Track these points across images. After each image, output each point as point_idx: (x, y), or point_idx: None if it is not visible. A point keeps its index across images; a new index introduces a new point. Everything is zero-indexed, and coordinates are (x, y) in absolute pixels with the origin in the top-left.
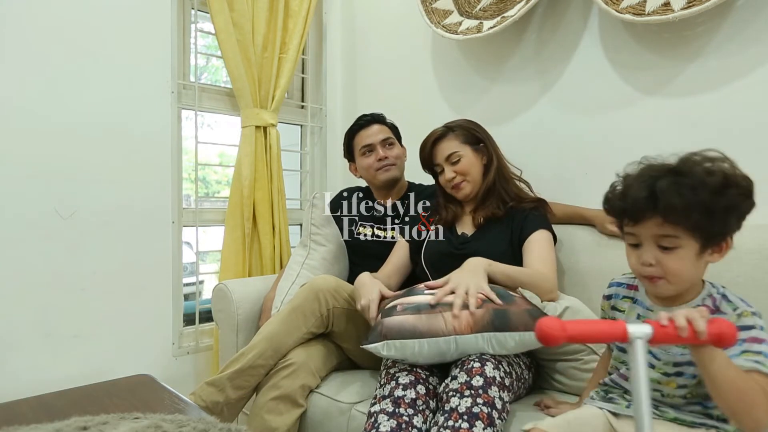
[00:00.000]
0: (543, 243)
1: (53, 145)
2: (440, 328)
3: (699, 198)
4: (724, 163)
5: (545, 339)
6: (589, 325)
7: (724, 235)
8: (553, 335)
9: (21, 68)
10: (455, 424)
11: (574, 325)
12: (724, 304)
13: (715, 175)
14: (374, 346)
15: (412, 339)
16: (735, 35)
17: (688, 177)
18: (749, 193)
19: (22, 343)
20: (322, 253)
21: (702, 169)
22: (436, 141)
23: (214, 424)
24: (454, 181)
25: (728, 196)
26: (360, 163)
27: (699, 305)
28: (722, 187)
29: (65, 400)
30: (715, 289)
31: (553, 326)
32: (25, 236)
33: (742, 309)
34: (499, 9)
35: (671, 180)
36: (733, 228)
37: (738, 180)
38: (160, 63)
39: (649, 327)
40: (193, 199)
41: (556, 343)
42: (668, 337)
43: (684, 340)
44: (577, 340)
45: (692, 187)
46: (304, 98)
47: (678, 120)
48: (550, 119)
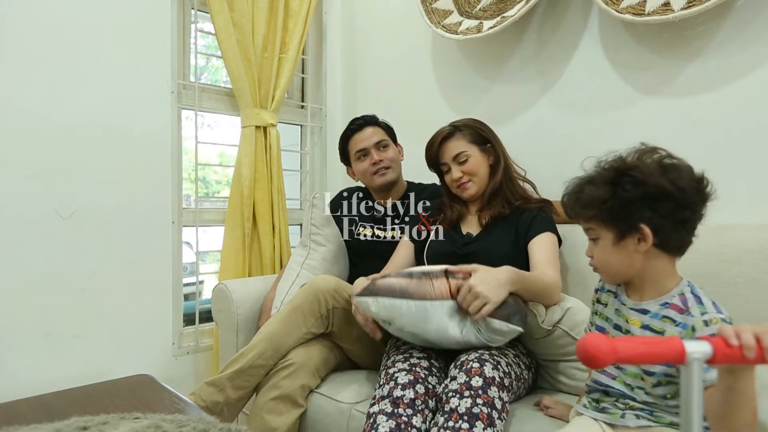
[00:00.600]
0: (549, 246)
1: (53, 145)
2: (428, 291)
3: (595, 194)
4: (641, 155)
5: (591, 361)
6: (640, 344)
7: (632, 223)
8: (600, 358)
9: (21, 68)
10: (455, 424)
11: (625, 344)
12: (695, 305)
13: (608, 169)
14: (364, 299)
15: (400, 299)
16: (735, 35)
17: (592, 176)
18: (640, 182)
19: (22, 343)
20: (322, 253)
21: (602, 166)
22: (444, 140)
23: (214, 424)
24: (461, 181)
25: (621, 186)
26: (356, 167)
27: (666, 302)
28: (614, 180)
29: (65, 400)
30: (689, 288)
31: (601, 346)
32: (25, 236)
33: (712, 315)
34: (499, 9)
35: (576, 181)
36: (643, 216)
37: (632, 170)
38: (160, 63)
39: (708, 345)
40: (193, 199)
41: (603, 366)
42: (730, 357)
43: (748, 361)
44: (627, 361)
45: (590, 184)
46: (304, 98)
47: (678, 120)
48: (550, 119)
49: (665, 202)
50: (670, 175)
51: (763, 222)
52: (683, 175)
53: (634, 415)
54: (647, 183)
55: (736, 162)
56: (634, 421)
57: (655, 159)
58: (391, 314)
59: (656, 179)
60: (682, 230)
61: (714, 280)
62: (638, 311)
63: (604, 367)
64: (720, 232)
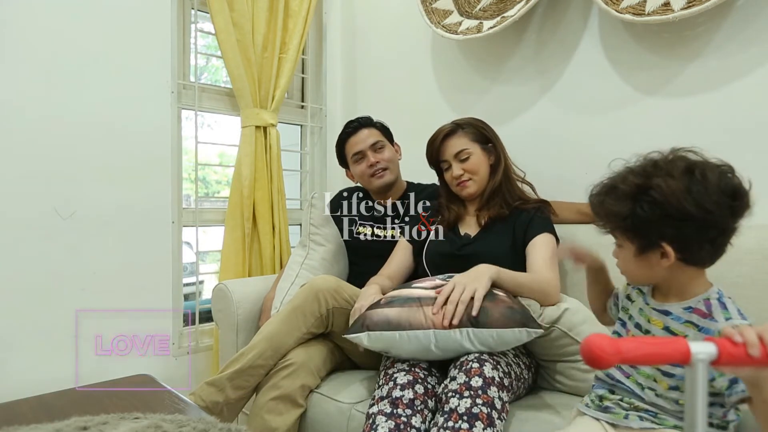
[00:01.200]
0: (547, 247)
1: (53, 145)
2: (420, 322)
3: (613, 208)
4: (668, 165)
5: (595, 361)
6: (645, 345)
7: (652, 240)
8: (604, 359)
9: (21, 68)
10: (455, 424)
11: (629, 345)
12: (719, 310)
13: (630, 184)
14: (357, 336)
15: (391, 331)
16: (735, 35)
17: (615, 185)
18: (659, 203)
19: (22, 343)
20: (321, 253)
21: (627, 173)
22: (446, 137)
23: (214, 424)
24: (461, 179)
25: (640, 205)
26: (353, 170)
27: (690, 306)
28: (634, 196)
29: (65, 400)
30: (717, 295)
31: (605, 347)
32: (25, 236)
33: (737, 322)
34: (499, 9)
35: (600, 187)
36: (665, 235)
37: (652, 189)
38: (160, 63)
39: (712, 346)
40: (193, 199)
41: (608, 366)
42: (736, 357)
43: (754, 361)
44: (632, 362)
45: (611, 195)
46: (304, 98)
47: (678, 120)
48: (550, 119)
49: (688, 222)
50: (695, 193)
51: (763, 222)
52: (711, 191)
53: (638, 417)
54: (666, 205)
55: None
56: (637, 422)
57: (681, 170)
58: (386, 346)
59: (677, 201)
60: (708, 247)
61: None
62: (660, 312)
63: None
64: None
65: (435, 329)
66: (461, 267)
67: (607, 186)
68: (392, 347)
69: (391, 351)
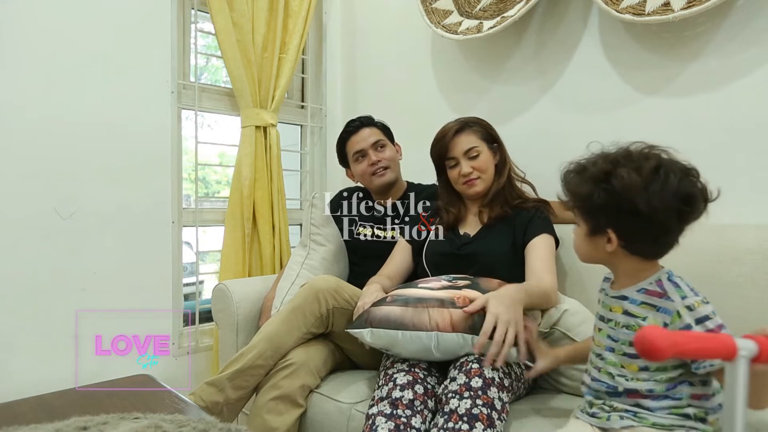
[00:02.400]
0: (545, 249)
1: (53, 145)
2: (424, 323)
3: (576, 187)
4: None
5: (650, 353)
6: (695, 339)
7: (600, 225)
8: (661, 349)
9: (21, 68)
10: (455, 425)
11: (682, 338)
12: (673, 290)
13: (599, 169)
14: (359, 331)
15: (395, 330)
16: (735, 35)
17: (585, 166)
18: (614, 193)
19: (22, 343)
20: (322, 253)
21: (599, 159)
22: (456, 133)
23: (214, 424)
24: (470, 177)
25: (598, 190)
26: (354, 169)
27: (643, 288)
28: (598, 180)
29: (65, 400)
30: (666, 275)
31: (661, 339)
32: (25, 236)
33: (692, 299)
34: (499, 9)
35: (573, 165)
36: (611, 223)
37: (613, 177)
38: (160, 63)
39: (754, 344)
40: (193, 199)
41: (663, 358)
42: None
43: None
44: (683, 355)
45: (579, 174)
46: (304, 98)
47: (678, 120)
48: (550, 119)
49: (634, 217)
50: (650, 192)
51: (762, 222)
52: (666, 192)
53: (618, 416)
54: (620, 196)
55: (736, 162)
56: (618, 422)
57: (650, 167)
58: (388, 344)
59: (629, 195)
60: (651, 243)
61: (714, 280)
62: (618, 298)
63: (663, 360)
64: (720, 232)
65: (438, 332)
66: (461, 267)
67: (579, 166)
68: (394, 346)
69: (392, 349)
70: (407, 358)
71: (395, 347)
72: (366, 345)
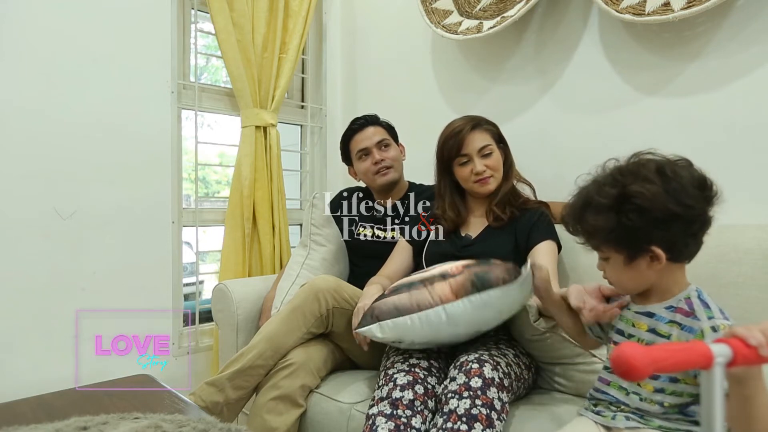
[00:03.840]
0: (550, 256)
1: (53, 145)
2: (427, 301)
3: (598, 223)
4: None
5: (629, 372)
6: (674, 353)
7: (641, 246)
8: (640, 369)
9: (21, 68)
10: (454, 425)
11: (660, 353)
12: (701, 308)
13: (607, 195)
14: (368, 328)
15: (401, 316)
16: (735, 35)
17: (590, 198)
18: (645, 209)
19: (22, 343)
20: (322, 254)
21: (600, 184)
22: (472, 130)
23: (214, 424)
24: (483, 175)
25: (625, 215)
26: (357, 167)
27: (672, 306)
28: (616, 207)
29: (65, 400)
30: (696, 294)
31: (639, 357)
32: (25, 236)
33: (720, 321)
34: (499, 9)
35: (575, 203)
36: (653, 239)
37: (634, 197)
38: (160, 63)
39: (728, 348)
40: (193, 199)
41: (643, 377)
42: (748, 358)
43: (763, 360)
44: (663, 370)
45: (591, 210)
46: (304, 98)
47: (678, 120)
48: (550, 119)
49: (675, 222)
50: (672, 191)
51: (763, 222)
52: (686, 185)
53: (624, 417)
54: (653, 209)
55: (736, 162)
56: (623, 422)
57: (654, 172)
58: (399, 334)
59: (661, 203)
60: (693, 242)
61: (714, 280)
62: (644, 314)
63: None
64: (720, 232)
65: (443, 304)
66: None
67: (581, 202)
68: (405, 334)
69: (405, 339)
70: (423, 344)
71: (407, 335)
72: (377, 341)
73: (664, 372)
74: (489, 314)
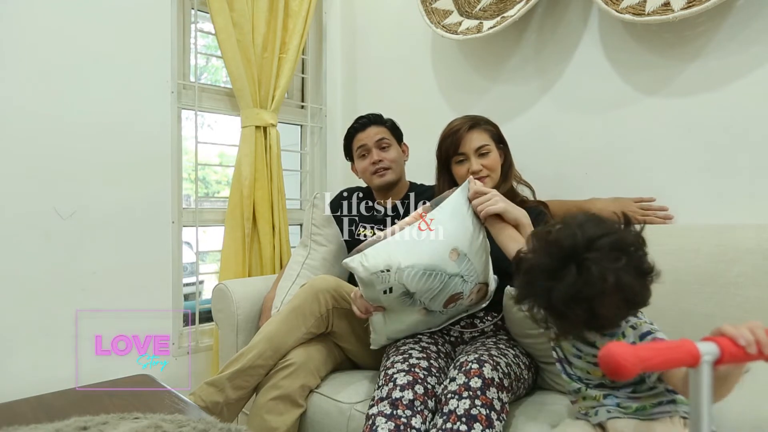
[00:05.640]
0: None
1: (53, 145)
2: (399, 227)
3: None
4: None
5: (617, 372)
6: (660, 351)
7: None
8: (628, 368)
9: (21, 68)
10: (453, 426)
11: (647, 352)
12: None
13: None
14: (352, 258)
15: (381, 241)
16: (735, 35)
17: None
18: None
19: (22, 343)
20: (322, 254)
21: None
22: (470, 129)
23: (213, 424)
24: (480, 175)
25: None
26: (357, 165)
27: None
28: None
29: (65, 400)
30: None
31: (627, 356)
32: (25, 236)
33: (634, 320)
34: (499, 9)
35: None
36: None
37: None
38: (160, 63)
39: (715, 347)
40: (193, 199)
41: (631, 376)
42: (735, 356)
43: (750, 358)
44: (651, 368)
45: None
46: (304, 98)
47: (678, 120)
48: (550, 119)
49: None
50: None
51: (762, 222)
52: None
53: (606, 411)
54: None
55: (736, 162)
56: (605, 414)
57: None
58: (385, 259)
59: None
60: None
61: (714, 280)
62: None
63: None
64: (720, 232)
65: (415, 222)
66: None
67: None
68: (390, 257)
69: (392, 264)
70: (414, 272)
71: (392, 258)
72: (364, 280)
73: (652, 370)
74: (456, 223)
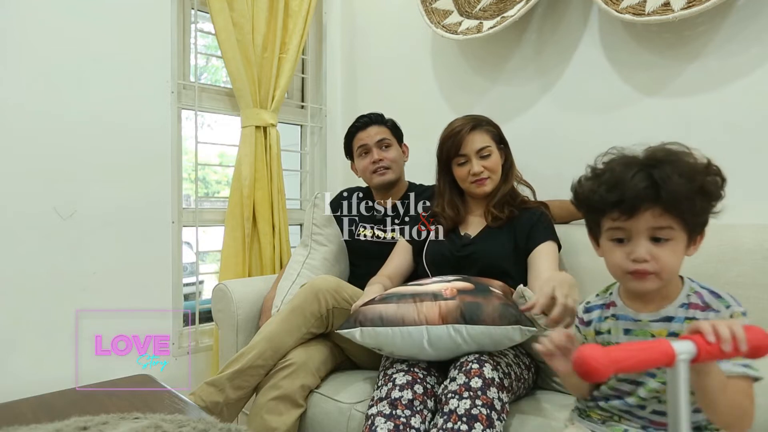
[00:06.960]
0: (551, 256)
1: (53, 144)
2: (412, 317)
3: (695, 185)
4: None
5: (589, 373)
6: (634, 352)
7: (705, 224)
8: (600, 369)
9: (21, 68)
10: (454, 426)
11: (620, 353)
12: (714, 300)
13: (699, 161)
14: (349, 331)
15: (384, 327)
16: (735, 35)
17: (681, 164)
18: (723, 181)
19: (22, 343)
20: (323, 253)
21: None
22: (471, 130)
23: (213, 424)
24: (481, 176)
25: (712, 183)
26: (357, 164)
27: (684, 303)
28: (707, 173)
29: (65, 400)
30: (695, 284)
31: (599, 358)
32: (25, 236)
33: (734, 309)
34: (499, 9)
35: (670, 168)
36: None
37: (715, 166)
38: (160, 63)
39: (691, 344)
40: (193, 199)
41: (603, 378)
42: (711, 354)
43: (725, 356)
44: (625, 370)
45: (688, 175)
46: (304, 98)
47: (678, 120)
48: (550, 119)
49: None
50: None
51: (762, 222)
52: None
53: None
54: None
55: (736, 162)
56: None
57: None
58: (379, 343)
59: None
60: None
61: (714, 280)
62: (661, 321)
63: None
64: (720, 232)
65: (428, 325)
66: (462, 267)
67: (677, 171)
68: (384, 344)
69: (384, 348)
70: (402, 356)
71: (387, 346)
72: (359, 344)
73: (626, 372)
74: (470, 346)
